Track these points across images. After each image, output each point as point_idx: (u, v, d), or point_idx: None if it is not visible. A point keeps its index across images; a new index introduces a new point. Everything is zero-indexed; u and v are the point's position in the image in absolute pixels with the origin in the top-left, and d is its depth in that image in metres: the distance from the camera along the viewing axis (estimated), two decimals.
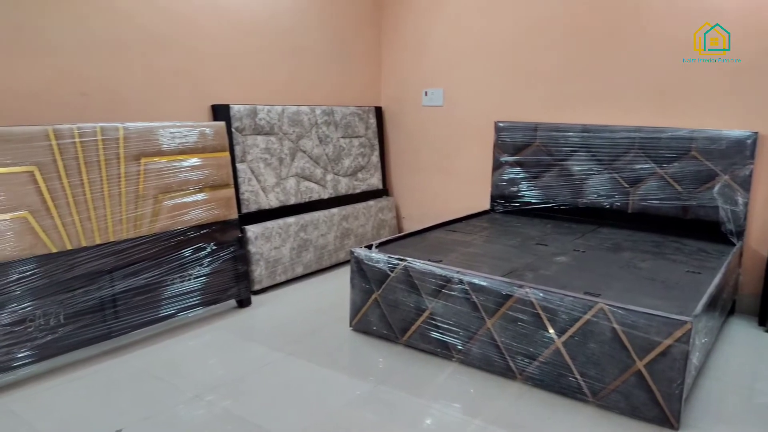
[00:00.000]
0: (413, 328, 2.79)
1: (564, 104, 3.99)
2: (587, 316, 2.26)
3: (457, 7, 4.41)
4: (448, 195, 4.68)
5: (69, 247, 2.59)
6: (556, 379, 2.39)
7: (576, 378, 2.33)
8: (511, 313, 2.46)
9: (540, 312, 2.38)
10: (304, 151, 4.15)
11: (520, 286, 2.44)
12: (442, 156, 4.68)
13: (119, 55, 3.15)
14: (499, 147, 4.19)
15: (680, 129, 3.50)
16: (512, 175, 4.15)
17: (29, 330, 2.48)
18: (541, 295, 2.38)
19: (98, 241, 2.70)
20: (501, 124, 4.18)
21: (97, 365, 2.65)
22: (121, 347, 2.83)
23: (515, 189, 4.15)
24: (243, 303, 3.43)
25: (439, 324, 2.68)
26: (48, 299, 2.53)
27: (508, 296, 2.45)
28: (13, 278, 2.42)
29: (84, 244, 2.65)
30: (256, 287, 3.65)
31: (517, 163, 4.13)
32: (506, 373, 2.53)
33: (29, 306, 2.47)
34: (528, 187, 4.10)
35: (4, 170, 2.40)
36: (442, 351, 2.71)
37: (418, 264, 2.73)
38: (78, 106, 2.98)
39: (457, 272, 2.61)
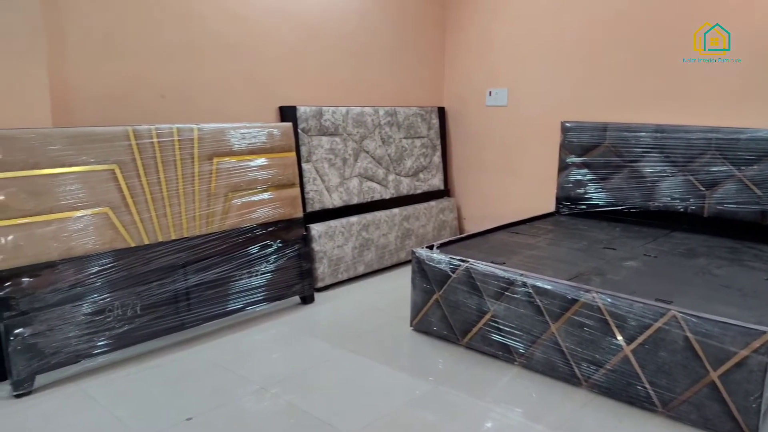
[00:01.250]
0: (474, 330, 2.76)
1: (635, 104, 3.85)
2: (658, 324, 2.18)
3: (523, 5, 4.34)
4: (511, 196, 4.61)
5: (146, 242, 2.73)
6: (624, 388, 2.31)
7: (645, 387, 2.25)
8: (576, 318, 2.40)
9: (608, 318, 2.31)
10: (367, 152, 4.19)
11: (587, 291, 2.38)
12: (505, 157, 4.62)
13: (194, 59, 3.29)
14: (566, 148, 4.09)
15: (760, 130, 3.30)
16: (579, 177, 4.04)
17: (108, 320, 2.63)
18: (609, 300, 2.31)
19: (173, 237, 2.83)
20: (568, 125, 4.08)
21: (170, 355, 2.78)
22: (192, 338, 2.96)
23: (582, 191, 4.04)
24: (306, 300, 3.50)
25: (501, 327, 2.65)
26: (126, 291, 2.68)
27: (574, 300, 2.39)
28: (95, 270, 2.58)
29: (160, 239, 2.78)
30: (319, 285, 3.72)
31: (585, 165, 4.02)
32: (571, 379, 2.47)
33: (108, 297, 2.62)
34: (596, 189, 3.98)
35: (88, 168, 2.56)
36: (504, 354, 2.67)
37: (481, 265, 2.71)
38: (156, 108, 3.14)
39: (521, 275, 2.57)
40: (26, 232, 2.37)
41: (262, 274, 3.24)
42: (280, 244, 3.32)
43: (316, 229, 3.71)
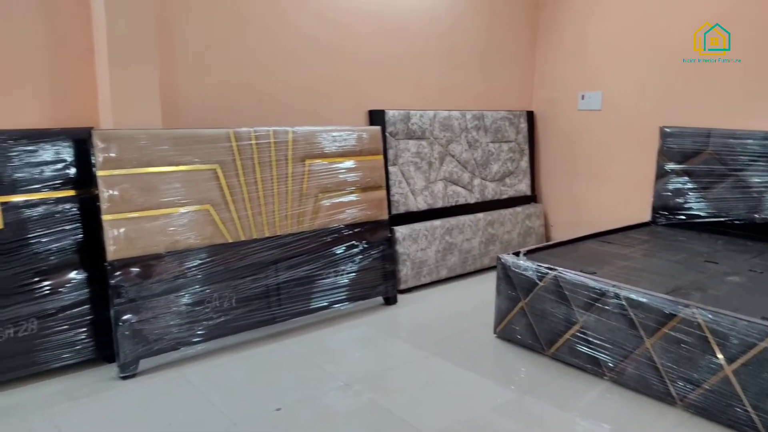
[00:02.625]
0: (561, 340, 2.70)
1: (741, 109, 3.60)
2: (764, 344, 2.03)
3: (621, 4, 4.18)
4: (603, 204, 4.44)
5: (242, 238, 2.88)
6: (723, 410, 2.17)
7: (747, 410, 2.10)
8: (673, 333, 2.28)
9: (708, 335, 2.18)
10: (453, 156, 4.19)
11: (686, 306, 2.26)
12: (597, 163, 4.46)
13: (289, 64, 3.44)
14: (664, 154, 3.89)
15: None
16: (678, 185, 3.83)
17: (206, 311, 2.79)
18: (710, 316, 2.18)
19: (267, 234, 2.97)
20: (667, 130, 3.88)
21: (261, 347, 2.91)
22: (281, 332, 3.08)
23: (681, 200, 3.83)
24: (389, 301, 3.55)
25: (591, 339, 2.56)
26: (223, 284, 2.83)
27: (672, 315, 2.28)
28: (196, 263, 2.75)
29: (255, 236, 2.92)
30: (402, 286, 3.76)
31: (685, 172, 3.80)
32: (664, 397, 2.35)
33: (207, 289, 2.79)
34: (696, 198, 3.76)
35: (193, 167, 2.73)
36: (592, 367, 2.59)
37: (570, 274, 2.64)
38: (253, 112, 3.30)
39: (614, 286, 2.48)
40: (136, 225, 2.57)
41: (347, 273, 3.31)
42: (366, 245, 3.39)
43: (400, 231, 3.75)
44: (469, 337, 3.05)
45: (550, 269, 2.72)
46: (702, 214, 3.74)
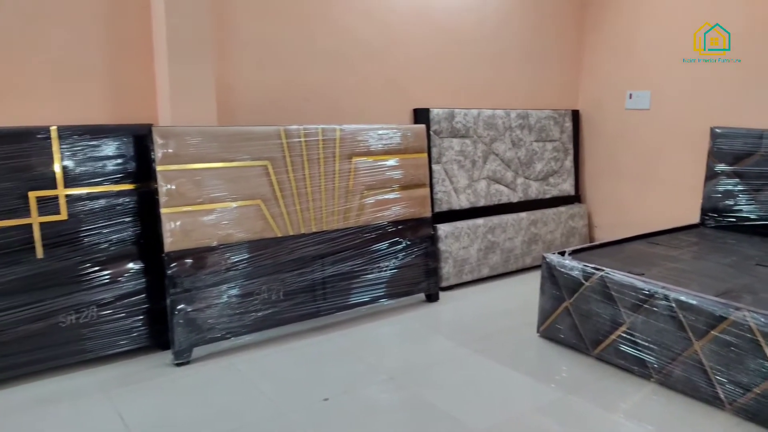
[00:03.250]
0: (607, 341, 2.68)
1: None
2: None
3: (669, 4, 4.10)
4: (649, 205, 4.37)
5: (291, 233, 2.96)
6: None
7: None
8: (723, 336, 2.25)
9: (760, 339, 2.15)
10: (497, 154, 4.19)
11: (737, 309, 2.22)
12: (644, 163, 4.38)
13: (337, 64, 3.50)
14: (715, 155, 3.81)
15: None
16: (729, 187, 3.74)
17: (255, 302, 2.88)
18: (762, 320, 2.14)
19: (314, 229, 3.04)
20: (718, 131, 3.79)
21: (307, 339, 2.98)
22: (325, 326, 3.15)
23: (731, 202, 3.74)
24: (431, 297, 3.58)
25: (638, 340, 2.54)
26: (271, 277, 2.91)
27: (722, 318, 2.25)
28: (246, 257, 2.84)
29: (302, 231, 3.00)
30: (444, 284, 3.78)
31: (736, 174, 3.71)
32: (713, 401, 2.32)
33: (256, 281, 2.87)
34: (747, 200, 3.67)
35: (245, 164, 2.82)
36: (639, 369, 2.56)
37: (617, 275, 2.62)
38: (302, 110, 3.37)
39: (662, 287, 2.45)
40: (192, 218, 2.67)
41: (390, 269, 3.36)
42: (409, 242, 3.43)
43: (442, 229, 3.78)
44: (512, 336, 3.05)
45: (597, 269, 2.71)
46: (752, 216, 3.65)
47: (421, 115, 3.83)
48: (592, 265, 2.74)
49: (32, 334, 2.49)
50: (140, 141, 2.72)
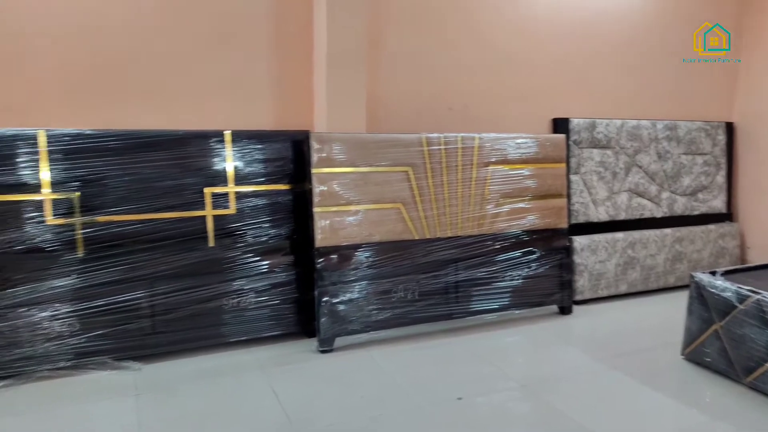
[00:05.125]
0: (761, 369, 2.49)
1: None
2: None
3: None
4: None
5: (427, 236, 3.08)
6: None
7: None
8: None
9: None
10: (640, 167, 4.02)
11: None
12: None
13: (479, 74, 3.59)
14: None
15: None
16: None
17: (393, 300, 3.04)
18: None
19: (449, 234, 3.14)
20: None
21: (439, 340, 3.09)
22: (457, 328, 3.23)
23: None
24: (564, 310, 3.53)
25: None
26: (408, 277, 3.06)
27: None
28: (386, 256, 3.01)
29: (439, 235, 3.11)
30: (578, 297, 3.70)
31: None
32: None
33: (394, 280, 3.03)
34: None
35: (388, 169, 2.99)
36: None
37: None
38: (444, 119, 3.50)
39: None
40: (340, 218, 2.89)
41: (523, 278, 3.37)
42: (543, 253, 3.41)
43: (579, 241, 3.71)
44: (653, 356, 2.93)
45: (753, 292, 2.53)
46: None
47: (560, 125, 3.80)
48: (748, 288, 2.57)
49: (201, 313, 2.84)
50: (297, 145, 2.99)
